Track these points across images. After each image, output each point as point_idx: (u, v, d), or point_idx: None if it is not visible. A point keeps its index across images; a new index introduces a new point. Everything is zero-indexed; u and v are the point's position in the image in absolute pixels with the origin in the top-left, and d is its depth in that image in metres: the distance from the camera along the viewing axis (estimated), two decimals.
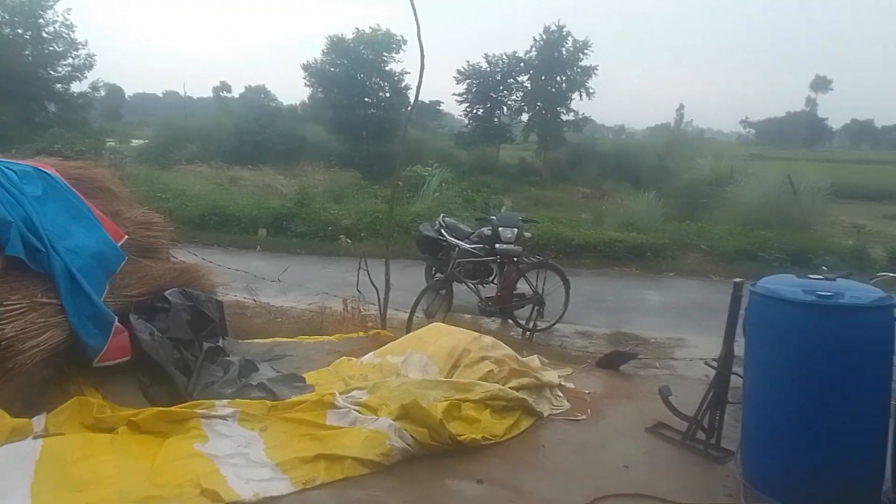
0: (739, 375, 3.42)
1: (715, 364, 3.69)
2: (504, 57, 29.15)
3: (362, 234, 11.39)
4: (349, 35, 26.62)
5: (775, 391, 3.11)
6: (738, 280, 3.63)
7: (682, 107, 77.12)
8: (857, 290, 3.08)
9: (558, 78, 28.33)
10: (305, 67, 27.75)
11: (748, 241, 10.99)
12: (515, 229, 6.87)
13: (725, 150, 24.17)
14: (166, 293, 4.33)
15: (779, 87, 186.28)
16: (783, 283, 3.18)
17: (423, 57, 5.68)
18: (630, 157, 26.03)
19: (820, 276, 3.24)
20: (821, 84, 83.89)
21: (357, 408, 3.70)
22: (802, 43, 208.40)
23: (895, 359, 3.06)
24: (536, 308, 6.56)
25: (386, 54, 26.56)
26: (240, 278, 6.49)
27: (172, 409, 3.58)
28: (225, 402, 3.71)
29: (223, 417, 3.56)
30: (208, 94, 58.06)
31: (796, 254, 10.14)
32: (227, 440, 3.40)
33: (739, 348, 3.46)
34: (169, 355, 3.98)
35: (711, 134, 79.86)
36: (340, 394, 3.83)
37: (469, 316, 6.91)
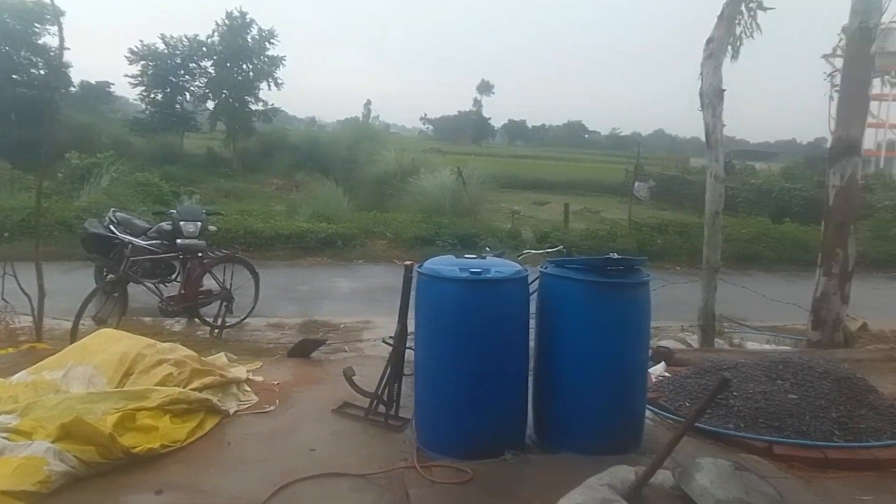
0: (413, 349, 3.75)
1: (391, 341, 4.00)
2: (184, 39, 27.38)
3: (6, 234, 9.73)
4: None
5: (439, 360, 3.48)
6: (408, 263, 3.96)
7: (369, 102, 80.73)
8: (501, 266, 3.59)
9: (244, 66, 27.56)
10: None
11: (426, 227, 12.06)
12: (199, 223, 6.56)
13: (408, 145, 26.15)
14: None
15: (452, 88, 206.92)
16: (443, 263, 3.56)
17: (61, 28, 5.19)
18: (322, 149, 26.61)
19: (473, 256, 3.71)
20: (485, 87, 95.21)
21: (5, 435, 3.20)
22: (470, 48, 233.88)
23: (531, 323, 3.66)
24: (224, 304, 6.34)
25: (38, 25, 22.95)
26: None
27: None
28: None
29: None
30: None
31: (465, 237, 11.45)
32: None
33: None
34: None
35: (396, 129, 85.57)
36: None
37: (150, 318, 6.41)
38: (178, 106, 28.12)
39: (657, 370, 4.85)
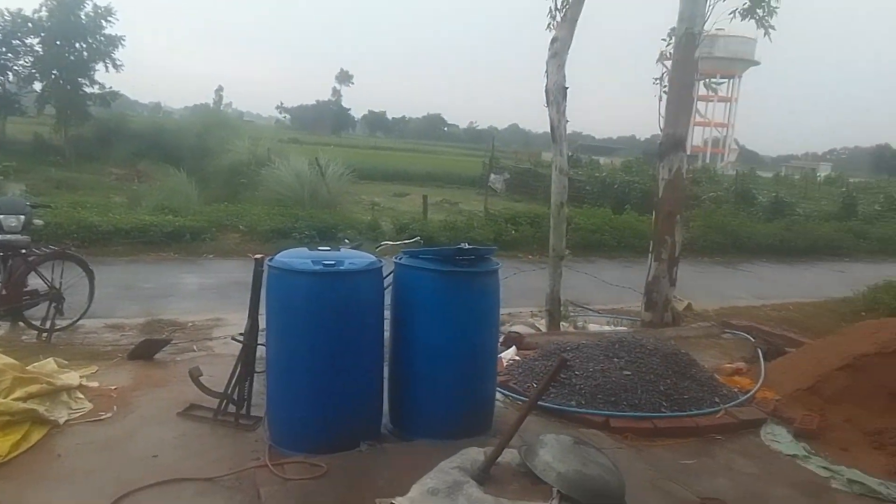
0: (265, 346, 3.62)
1: (241, 338, 3.85)
2: (6, 13, 24.53)
3: None
4: None
5: (292, 356, 3.39)
6: (258, 256, 3.84)
7: (220, 88, 77.17)
8: (355, 258, 3.56)
9: (78, 45, 25.16)
10: None
11: (283, 220, 11.66)
12: (22, 216, 5.93)
13: (264, 134, 25.23)
14: None
15: (310, 77, 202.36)
16: (296, 256, 3.47)
17: None
18: (168, 137, 25.03)
19: (327, 248, 3.65)
20: (344, 77, 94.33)
21: None
22: (329, 36, 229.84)
23: (385, 312, 3.68)
24: (54, 305, 5.79)
25: None
26: None
27: None
28: None
29: None
30: None
31: (324, 230, 11.23)
32: None
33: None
34: None
35: (251, 117, 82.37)
36: None
37: None
38: None
39: (508, 354, 5.07)
